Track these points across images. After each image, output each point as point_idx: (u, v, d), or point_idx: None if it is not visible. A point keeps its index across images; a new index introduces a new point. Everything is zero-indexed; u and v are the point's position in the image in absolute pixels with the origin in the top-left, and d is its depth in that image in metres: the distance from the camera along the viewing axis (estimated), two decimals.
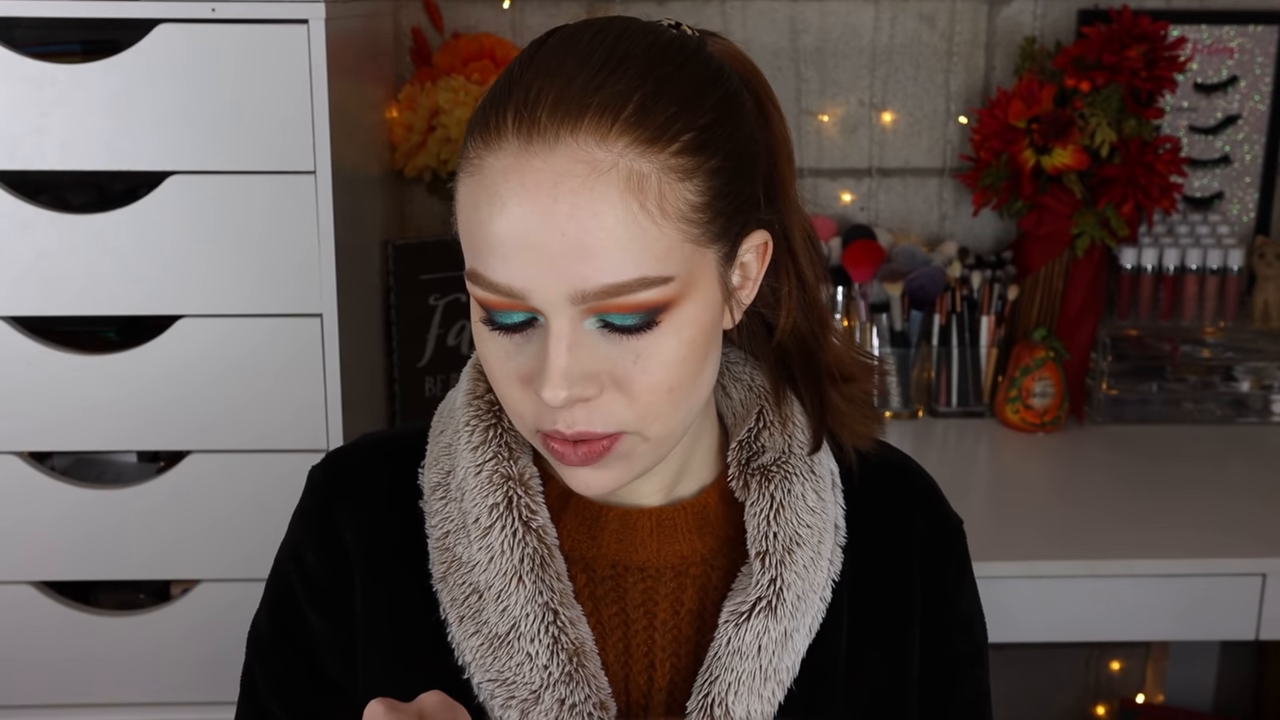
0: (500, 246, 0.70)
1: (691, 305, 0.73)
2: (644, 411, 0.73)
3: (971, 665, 0.92)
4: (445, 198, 1.98)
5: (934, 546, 0.90)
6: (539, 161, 0.69)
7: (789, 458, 0.85)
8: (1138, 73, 1.84)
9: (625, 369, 0.72)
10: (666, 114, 0.71)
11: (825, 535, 0.84)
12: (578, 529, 0.84)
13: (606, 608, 0.84)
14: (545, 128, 0.69)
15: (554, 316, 0.71)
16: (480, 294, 0.73)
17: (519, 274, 0.70)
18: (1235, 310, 2.01)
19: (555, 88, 0.70)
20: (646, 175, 0.69)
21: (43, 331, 1.40)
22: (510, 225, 0.69)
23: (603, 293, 0.69)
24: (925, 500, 0.92)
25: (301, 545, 0.88)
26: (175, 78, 1.33)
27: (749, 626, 0.81)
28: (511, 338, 0.74)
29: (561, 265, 0.69)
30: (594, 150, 0.69)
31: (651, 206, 0.70)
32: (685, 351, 0.73)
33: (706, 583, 0.85)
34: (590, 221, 0.68)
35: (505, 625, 0.80)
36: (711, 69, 0.75)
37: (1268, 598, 1.53)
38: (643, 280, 0.70)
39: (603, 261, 0.69)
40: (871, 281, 1.96)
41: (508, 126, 0.70)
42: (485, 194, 0.71)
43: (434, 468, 0.86)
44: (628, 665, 0.84)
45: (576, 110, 0.69)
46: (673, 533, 0.84)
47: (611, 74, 0.70)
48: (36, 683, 1.47)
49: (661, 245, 0.70)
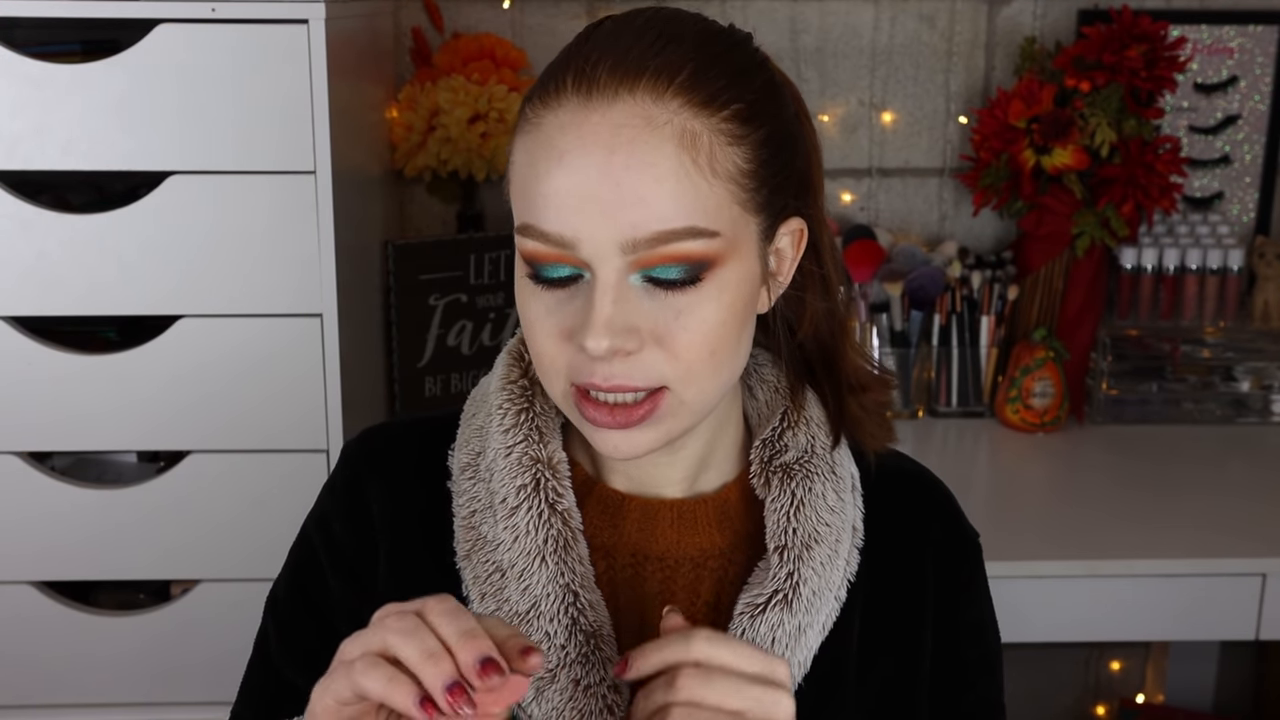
0: (555, 196, 0.73)
1: (733, 269, 0.76)
2: (684, 371, 0.76)
3: (983, 672, 0.93)
4: (445, 198, 1.98)
5: (948, 554, 0.91)
6: (597, 116, 0.73)
7: (811, 457, 0.86)
8: (1138, 73, 1.84)
9: (667, 324, 0.74)
10: (718, 84, 0.75)
11: (843, 535, 0.86)
12: (599, 516, 0.86)
13: (624, 595, 0.86)
14: (604, 86, 0.73)
15: (601, 267, 0.73)
16: (530, 247, 0.75)
17: (572, 223, 0.73)
18: (1235, 310, 2.01)
19: (613, 54, 0.74)
20: (699, 134, 0.73)
21: (43, 331, 1.40)
22: (566, 176, 0.73)
23: (653, 240, 0.72)
24: (942, 510, 0.93)
25: (330, 514, 0.90)
26: (175, 78, 1.33)
27: (764, 619, 0.82)
28: (555, 294, 0.76)
29: (615, 213, 0.72)
30: (650, 107, 0.73)
31: (703, 163, 0.73)
32: (726, 314, 0.76)
33: (724, 576, 0.86)
34: (645, 171, 0.72)
35: (526, 604, 0.82)
36: (758, 58, 0.80)
37: (1268, 598, 1.53)
38: (692, 230, 0.73)
39: (656, 209, 0.72)
40: (871, 281, 1.96)
41: (567, 87, 0.74)
42: (542, 148, 0.74)
43: (464, 449, 0.88)
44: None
45: (634, 71, 0.73)
46: (693, 525, 0.86)
47: (666, 45, 0.75)
48: (36, 683, 1.48)
49: (711, 201, 0.73)
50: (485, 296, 1.90)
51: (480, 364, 1.90)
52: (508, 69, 1.89)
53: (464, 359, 1.89)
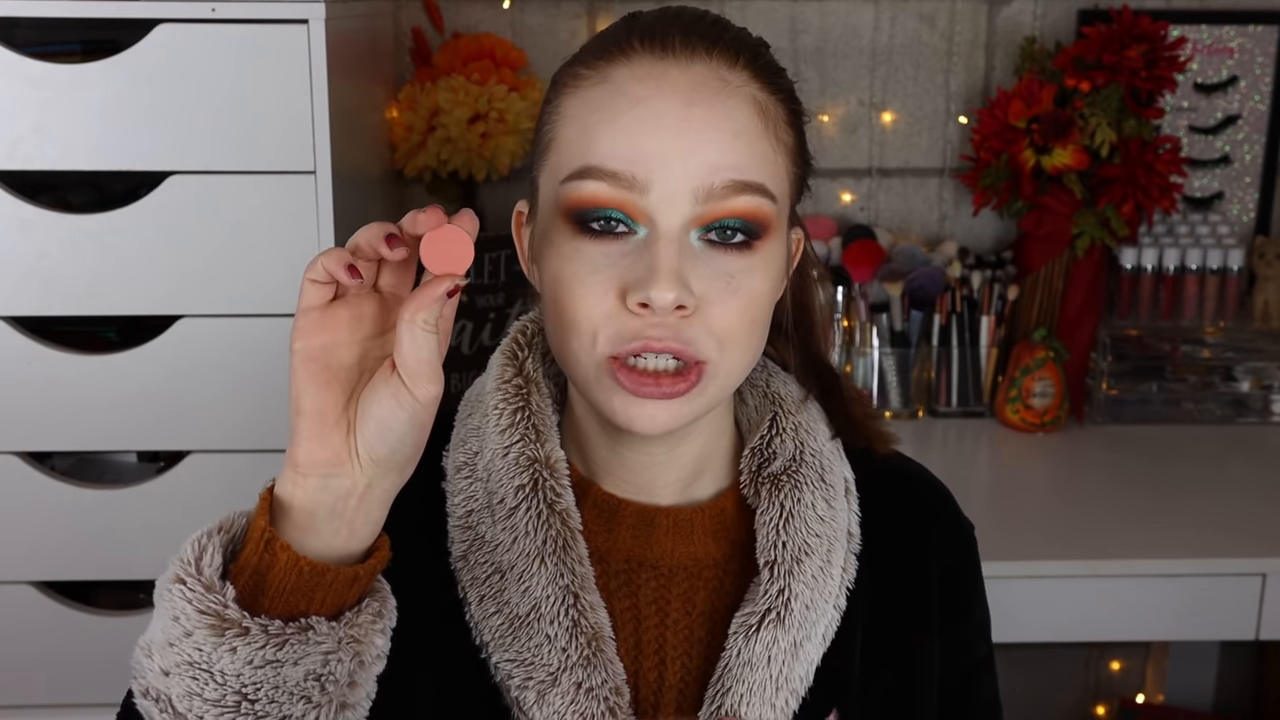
0: (629, 137, 0.73)
1: (776, 243, 0.78)
2: (725, 339, 0.76)
3: (988, 665, 0.94)
4: (445, 198, 1.98)
5: (951, 555, 0.91)
6: (676, 71, 0.74)
7: (799, 465, 0.86)
8: (1138, 73, 1.84)
9: (718, 289, 0.75)
10: (776, 67, 0.79)
11: (836, 544, 0.85)
12: (595, 521, 0.85)
13: (619, 601, 0.85)
14: (680, 46, 0.75)
15: (666, 217, 0.73)
16: (589, 191, 0.74)
17: (647, 163, 0.73)
18: (1235, 310, 2.01)
19: (679, 25, 0.76)
20: (768, 105, 0.77)
21: (43, 331, 1.40)
22: (643, 120, 0.73)
23: (727, 189, 0.73)
24: (940, 509, 0.93)
25: None
26: (175, 78, 1.33)
27: (758, 638, 0.81)
28: (605, 249, 0.74)
29: (692, 158, 0.73)
30: (725, 72, 0.75)
31: (771, 132, 0.77)
32: (769, 286, 0.77)
33: (719, 586, 0.85)
34: (724, 125, 0.74)
35: (526, 606, 0.81)
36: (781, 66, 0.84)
37: (1268, 598, 1.53)
38: (761, 187, 0.75)
39: (733, 160, 0.74)
40: (871, 281, 1.96)
41: (635, 46, 0.75)
42: (614, 95, 0.75)
43: (460, 449, 0.87)
44: (638, 660, 0.84)
45: (709, 38, 0.76)
46: (688, 534, 0.85)
47: (726, 29, 0.78)
48: (36, 683, 1.47)
49: (775, 167, 0.77)
50: (485, 296, 1.89)
51: (480, 364, 1.88)
52: (508, 69, 1.89)
53: (464, 359, 1.89)
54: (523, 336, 0.88)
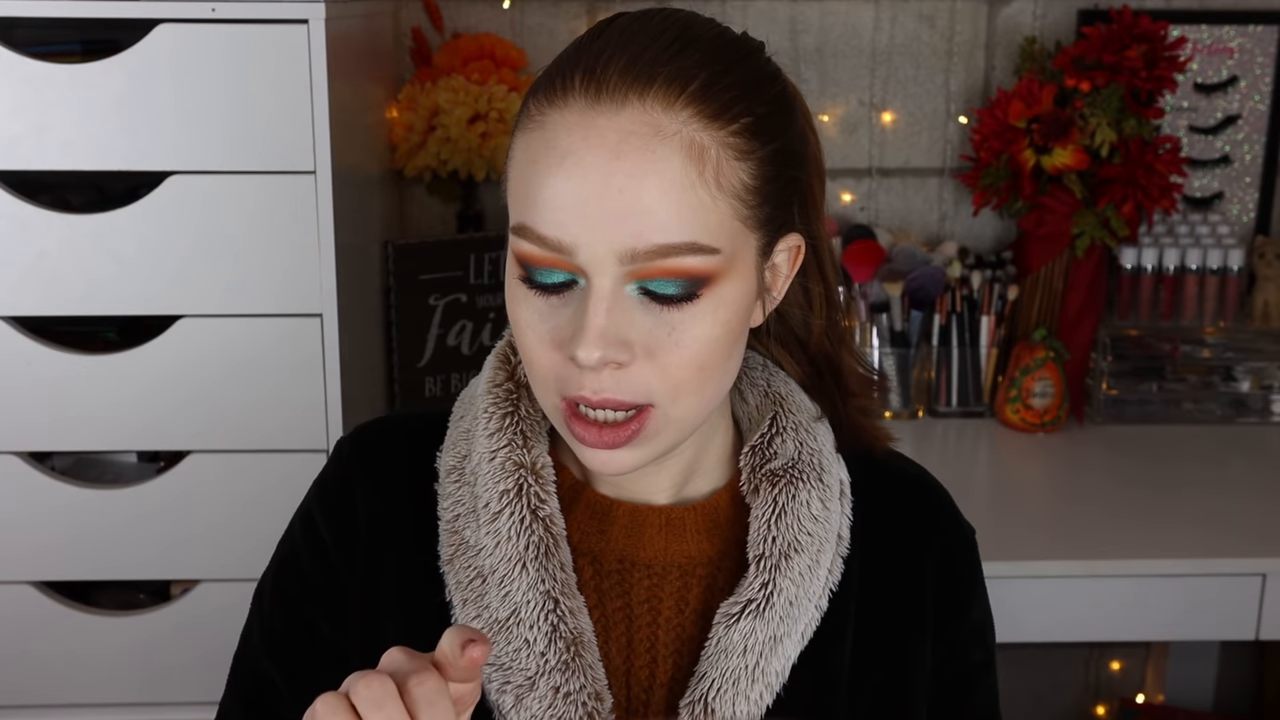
0: (555, 199, 0.71)
1: (730, 286, 0.75)
2: (672, 387, 0.75)
3: (984, 671, 0.93)
4: (445, 198, 1.98)
5: (948, 561, 0.90)
6: (604, 120, 0.71)
7: (798, 464, 0.85)
8: (1138, 73, 1.84)
9: (660, 340, 0.73)
10: (729, 95, 0.73)
11: (826, 544, 0.85)
12: (587, 522, 0.85)
13: (611, 601, 0.85)
14: (614, 88, 0.71)
15: (597, 276, 0.72)
16: (525, 249, 0.73)
17: (571, 228, 0.71)
18: (1235, 310, 2.01)
19: (626, 55, 0.72)
20: (707, 147, 0.72)
21: (43, 331, 1.40)
22: (569, 179, 0.71)
23: (653, 253, 0.71)
24: (940, 515, 0.92)
25: (315, 510, 0.89)
26: (175, 78, 1.33)
27: (737, 628, 0.81)
28: (548, 299, 0.74)
29: (616, 222, 0.70)
30: (659, 116, 0.71)
31: (709, 177, 0.72)
32: (720, 331, 0.75)
33: (712, 584, 0.85)
34: (650, 180, 0.70)
35: (506, 610, 0.81)
36: (770, 69, 0.79)
37: (1268, 598, 1.53)
38: (693, 245, 0.72)
39: (658, 221, 0.71)
40: (871, 281, 1.96)
41: (574, 86, 0.72)
42: (545, 148, 0.72)
43: (451, 451, 0.87)
44: (629, 659, 0.85)
45: (646, 77, 0.72)
46: (681, 532, 0.85)
47: (680, 51, 0.73)
48: (36, 683, 1.47)
49: (714, 217, 0.72)
50: (485, 296, 1.90)
51: (479, 364, 1.89)
52: (508, 69, 1.89)
53: (464, 359, 1.89)
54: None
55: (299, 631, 0.89)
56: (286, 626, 0.89)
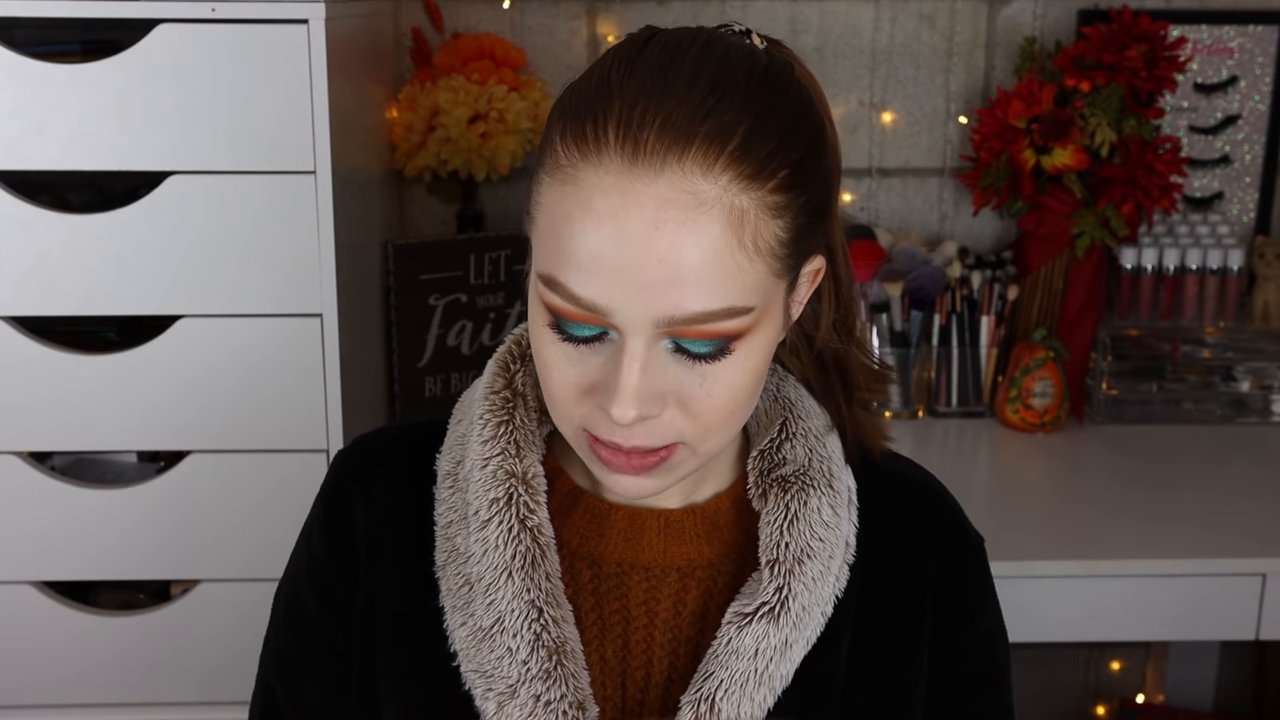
0: (591, 263, 0.70)
1: (762, 333, 0.75)
2: (702, 430, 0.75)
3: (990, 684, 0.92)
4: (445, 198, 1.98)
5: (950, 569, 0.90)
6: (642, 185, 0.69)
7: (810, 471, 0.85)
8: (1138, 73, 1.84)
9: (692, 391, 0.74)
10: (768, 149, 0.71)
11: (836, 551, 0.85)
12: (586, 526, 0.85)
13: (609, 604, 0.85)
14: (652, 151, 0.69)
15: (631, 336, 0.71)
16: (556, 302, 0.72)
17: (606, 293, 0.70)
18: (1235, 310, 2.01)
19: (663, 110, 0.69)
20: (746, 211, 0.70)
21: (43, 331, 1.40)
22: (605, 244, 0.69)
23: (690, 320, 0.70)
24: (944, 524, 0.91)
25: (313, 528, 0.90)
26: (175, 78, 1.33)
27: (750, 630, 0.81)
28: (577, 346, 0.74)
29: (654, 291, 0.69)
30: (699, 181, 0.69)
31: (747, 242, 0.71)
32: (750, 378, 0.75)
33: (712, 586, 0.86)
34: (690, 252, 0.69)
35: (490, 618, 0.81)
36: (803, 100, 0.77)
37: (1268, 598, 1.53)
38: (729, 310, 0.71)
39: (696, 290, 0.70)
40: (871, 281, 1.96)
41: (609, 142, 0.70)
42: (580, 207, 0.70)
43: (448, 456, 0.87)
44: (625, 661, 0.85)
45: (685, 138, 0.69)
46: (680, 535, 0.85)
47: (719, 101, 0.70)
48: (36, 683, 1.47)
49: (750, 278, 0.71)
50: (485, 296, 1.89)
51: (480, 364, 1.88)
52: (508, 69, 1.89)
53: (464, 359, 1.89)
54: (517, 348, 0.88)
55: (298, 651, 0.90)
56: (288, 644, 0.91)
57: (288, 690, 0.90)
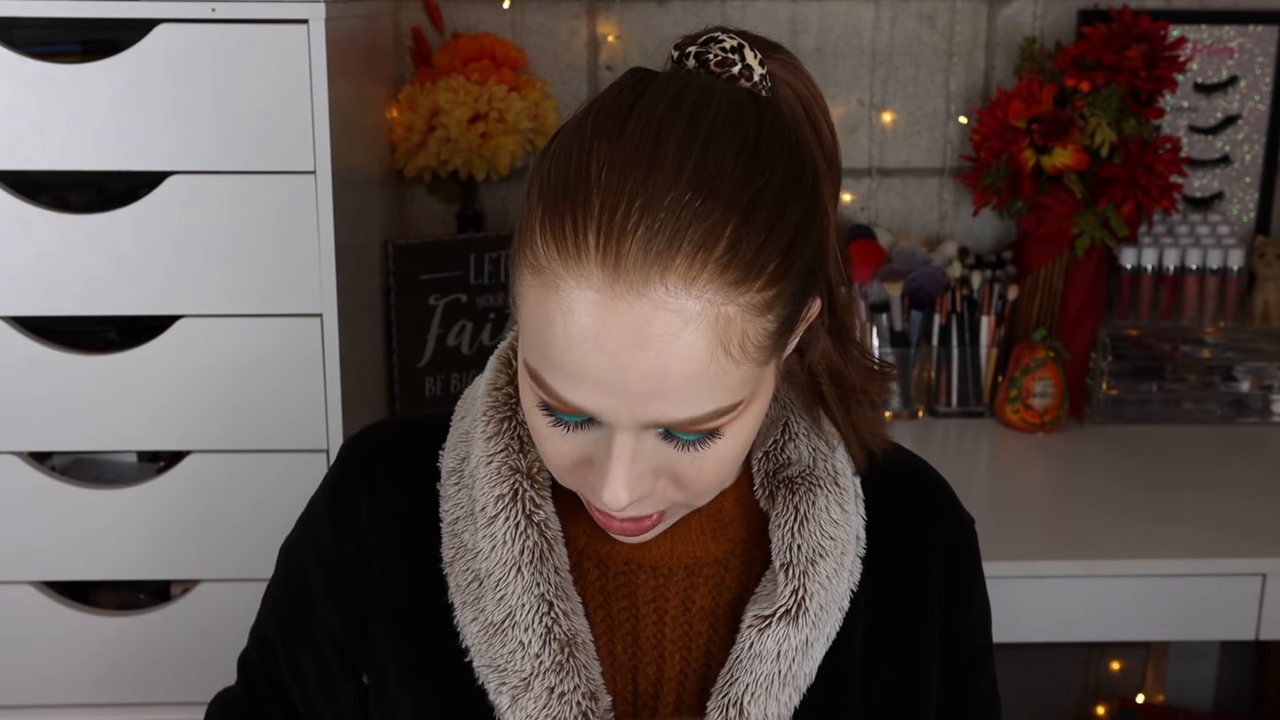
0: (576, 375, 0.69)
1: (753, 410, 0.74)
2: (693, 495, 0.76)
3: (985, 655, 0.94)
4: (445, 198, 1.98)
5: (952, 552, 0.91)
6: (624, 305, 0.66)
7: (814, 470, 0.86)
8: (1138, 73, 1.84)
9: (682, 468, 0.74)
10: (755, 246, 0.68)
11: (848, 547, 0.86)
12: (593, 526, 0.86)
13: (618, 601, 0.86)
14: (633, 266, 0.66)
15: (620, 431, 0.71)
16: (545, 396, 0.72)
17: (593, 401, 0.70)
18: (1235, 310, 2.01)
19: (645, 217, 0.66)
20: (732, 319, 0.68)
21: (43, 331, 1.40)
22: (589, 360, 0.68)
23: (678, 424, 0.71)
24: (941, 507, 0.93)
25: (320, 514, 0.91)
26: (175, 78, 1.33)
27: (770, 633, 0.82)
28: (568, 429, 0.74)
29: (639, 401, 0.69)
30: (683, 298, 0.66)
31: (734, 348, 0.69)
32: (739, 450, 0.75)
33: (720, 582, 0.86)
34: (674, 368, 0.68)
35: (501, 613, 0.82)
36: (794, 162, 0.72)
37: (1268, 598, 1.53)
38: (716, 412, 0.71)
39: (681, 400, 0.69)
40: (871, 281, 1.96)
41: (589, 250, 0.67)
42: (561, 315, 0.68)
43: (452, 453, 0.88)
44: (636, 657, 0.86)
45: (668, 250, 0.66)
46: (686, 534, 0.86)
47: (704, 202, 0.67)
48: (36, 683, 1.47)
49: (737, 378, 0.70)
50: (485, 296, 1.90)
51: (480, 364, 1.88)
52: (508, 69, 1.89)
53: (464, 359, 1.89)
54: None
55: (300, 623, 0.92)
56: (287, 608, 0.93)
57: (287, 653, 0.92)
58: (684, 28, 0.79)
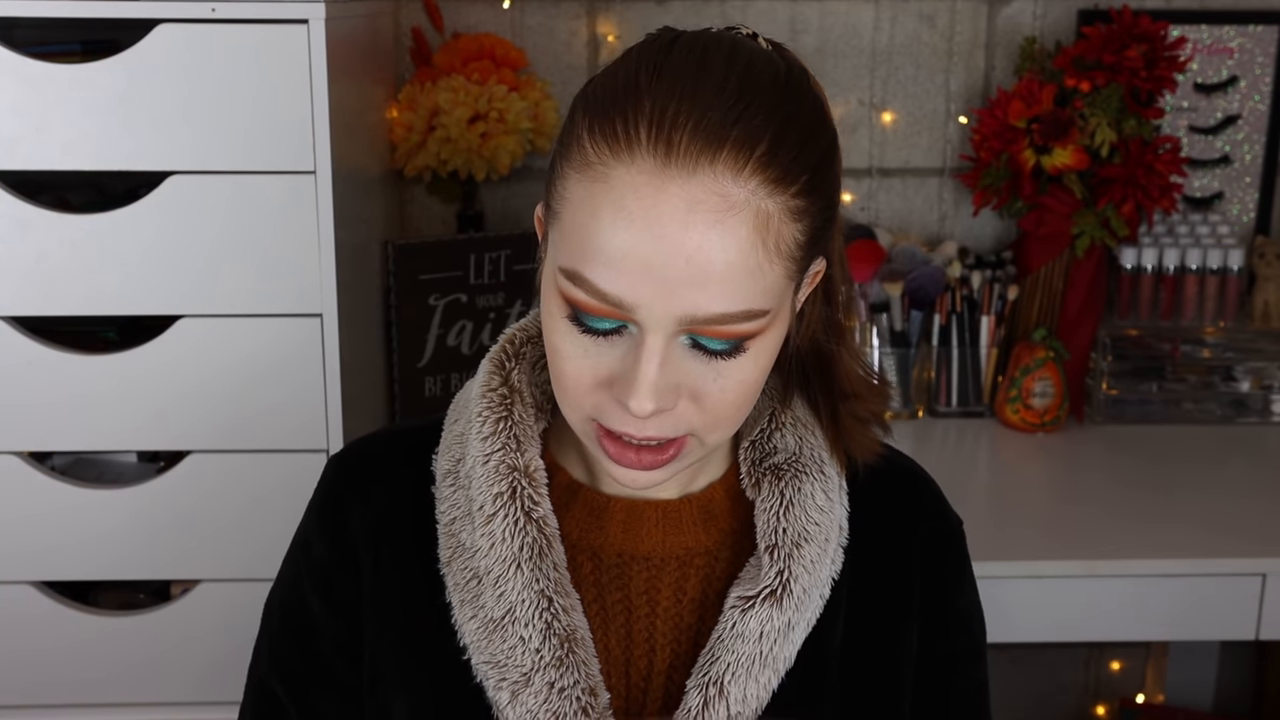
0: (618, 260, 0.71)
1: (774, 333, 0.76)
2: (711, 422, 0.77)
3: (970, 660, 0.94)
4: (445, 198, 1.98)
5: (934, 549, 0.92)
6: (674, 186, 0.70)
7: (800, 458, 0.87)
8: (1138, 73, 1.84)
9: (705, 385, 0.75)
10: (791, 155, 0.73)
11: (831, 534, 0.87)
12: (586, 519, 0.87)
13: (611, 594, 0.87)
14: (685, 153, 0.70)
15: (651, 332, 0.72)
16: (578, 296, 0.73)
17: (631, 290, 0.71)
18: (1235, 310, 2.01)
19: (694, 112, 0.71)
20: (771, 215, 0.72)
21: (43, 331, 1.40)
22: (634, 242, 0.70)
23: (710, 320, 0.72)
24: (927, 506, 0.94)
25: (310, 533, 0.91)
26: (175, 78, 1.33)
27: (754, 614, 0.83)
28: (593, 338, 0.75)
29: (679, 290, 0.71)
30: (729, 184, 0.70)
31: (770, 245, 0.72)
32: (759, 374, 0.77)
33: (710, 573, 0.87)
34: (717, 254, 0.70)
35: (501, 610, 0.83)
36: (820, 108, 0.79)
37: (1268, 598, 1.53)
38: (748, 313, 0.73)
39: (719, 291, 0.71)
40: (871, 281, 1.96)
41: (641, 141, 0.71)
42: (610, 205, 0.71)
43: (446, 455, 0.89)
44: (629, 649, 0.87)
45: (716, 141, 0.70)
46: (677, 525, 0.87)
47: (748, 107, 0.72)
48: (36, 683, 1.48)
49: (770, 280, 0.73)
50: (485, 296, 1.90)
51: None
52: (508, 69, 1.89)
53: (464, 359, 1.89)
54: (510, 347, 0.90)
55: (304, 657, 0.91)
56: (292, 650, 0.91)
57: (296, 698, 0.91)
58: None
